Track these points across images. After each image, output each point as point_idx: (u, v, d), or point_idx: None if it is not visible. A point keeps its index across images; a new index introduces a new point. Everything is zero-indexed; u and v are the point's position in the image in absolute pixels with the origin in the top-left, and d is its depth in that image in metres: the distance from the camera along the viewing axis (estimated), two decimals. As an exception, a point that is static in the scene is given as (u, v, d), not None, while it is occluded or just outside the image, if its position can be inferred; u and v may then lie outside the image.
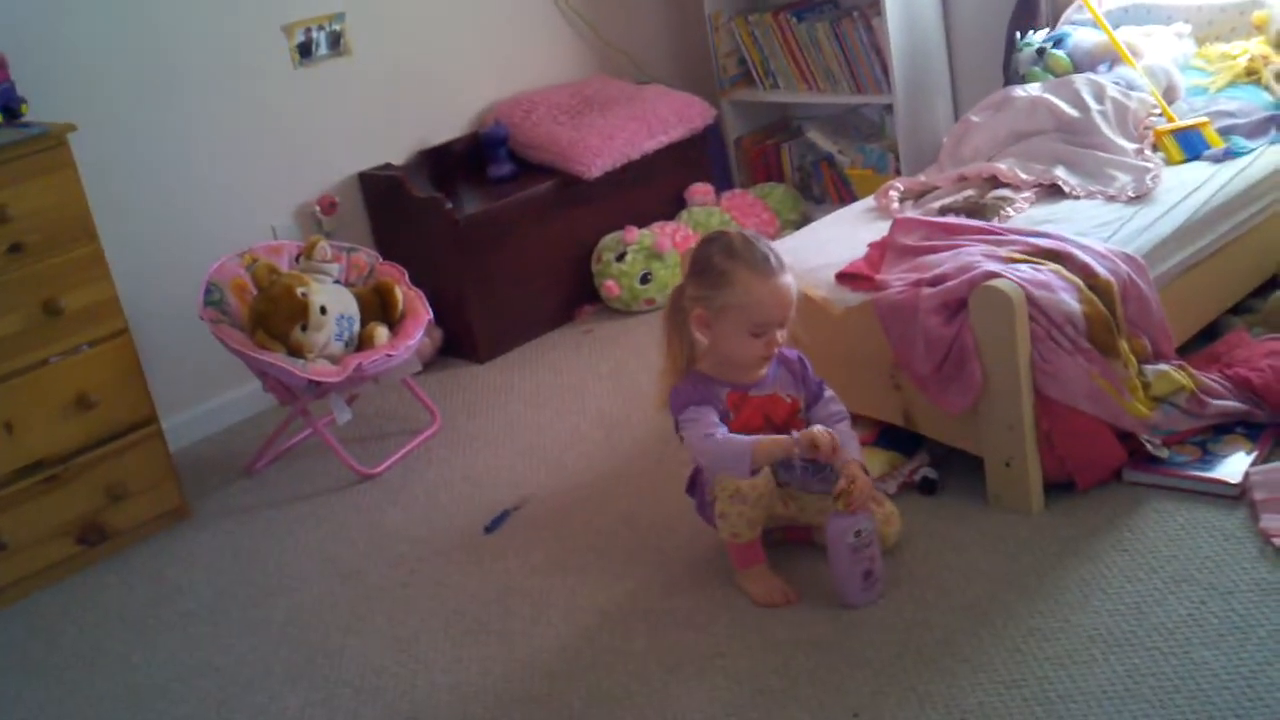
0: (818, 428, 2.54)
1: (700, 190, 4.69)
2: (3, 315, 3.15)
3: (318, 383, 3.40)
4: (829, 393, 2.75)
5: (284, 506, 3.51)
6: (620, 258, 4.38)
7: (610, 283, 4.38)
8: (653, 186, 4.63)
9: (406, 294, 3.70)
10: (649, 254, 4.38)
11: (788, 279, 2.57)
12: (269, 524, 3.44)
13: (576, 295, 4.49)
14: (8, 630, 3.14)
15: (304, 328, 3.40)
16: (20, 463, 3.21)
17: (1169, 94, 3.71)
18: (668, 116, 4.61)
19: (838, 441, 2.53)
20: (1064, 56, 3.90)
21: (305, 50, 4.13)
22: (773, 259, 2.56)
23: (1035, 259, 2.89)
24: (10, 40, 3.37)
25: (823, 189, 4.96)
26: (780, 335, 2.60)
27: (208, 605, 3.10)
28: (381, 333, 3.55)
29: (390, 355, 3.47)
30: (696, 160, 4.77)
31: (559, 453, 3.52)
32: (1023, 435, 2.74)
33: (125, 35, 3.74)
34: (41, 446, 3.24)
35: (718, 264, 2.56)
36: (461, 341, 4.25)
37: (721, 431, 2.58)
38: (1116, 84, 3.67)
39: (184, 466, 3.73)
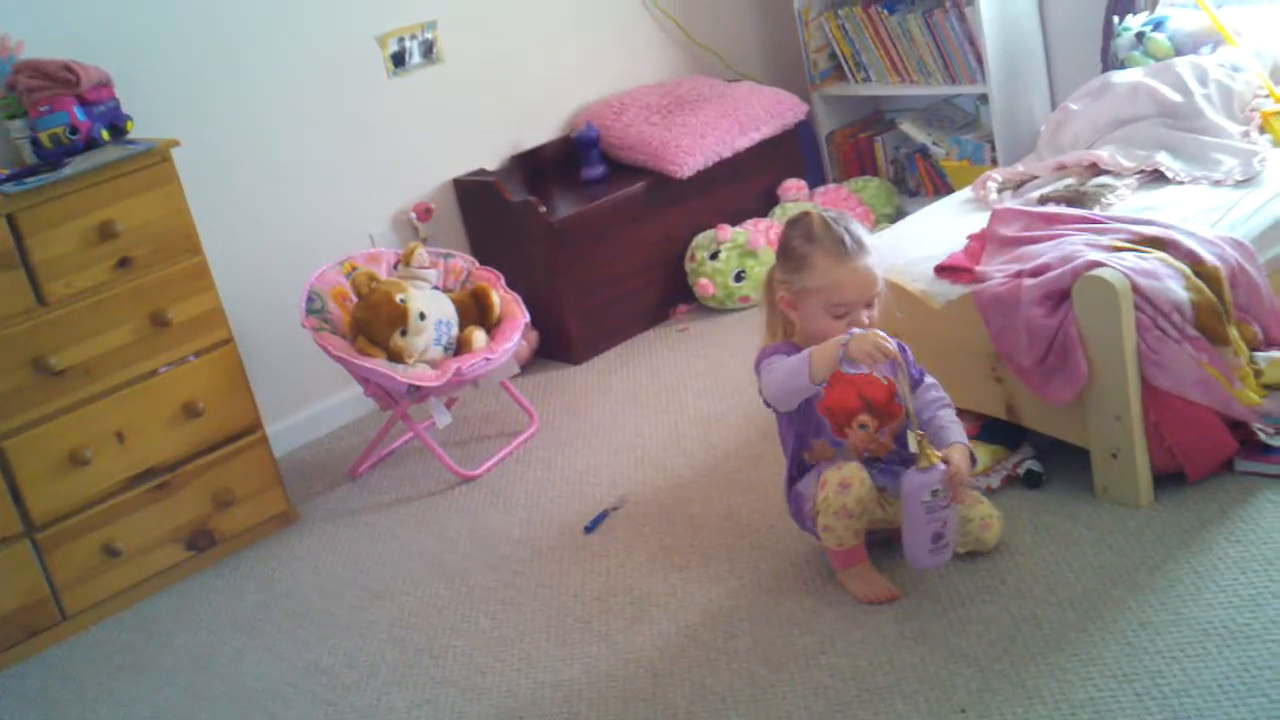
0: (863, 331, 2.47)
1: (793, 186, 4.67)
2: (113, 327, 3.23)
3: (418, 387, 3.44)
4: (929, 379, 2.72)
5: (387, 510, 3.56)
6: (714, 256, 4.37)
7: (705, 281, 4.37)
8: (745, 183, 4.62)
9: (503, 298, 3.73)
10: (743, 251, 4.37)
11: (867, 261, 2.55)
12: (373, 527, 3.48)
13: (671, 294, 4.49)
14: (122, 634, 3.22)
15: (404, 333, 3.44)
16: (132, 471, 3.29)
17: (1275, 75, 3.61)
18: (759, 113, 4.59)
19: (887, 345, 2.41)
20: (1164, 40, 3.81)
21: (399, 60, 4.18)
22: (849, 241, 2.54)
23: (1139, 247, 2.83)
24: (114, 59, 3.45)
25: (918, 181, 4.91)
26: (866, 316, 2.57)
27: (315, 608, 3.15)
28: (479, 337, 3.58)
29: (488, 359, 3.50)
30: (789, 156, 4.75)
31: (658, 452, 3.52)
32: (1130, 426, 2.69)
33: (224, 50, 3.82)
34: (151, 455, 3.32)
35: (796, 247, 2.58)
36: (558, 343, 4.27)
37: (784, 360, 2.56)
38: (1220, 66, 3.59)
39: (289, 472, 3.79)
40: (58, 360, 3.14)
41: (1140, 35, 3.85)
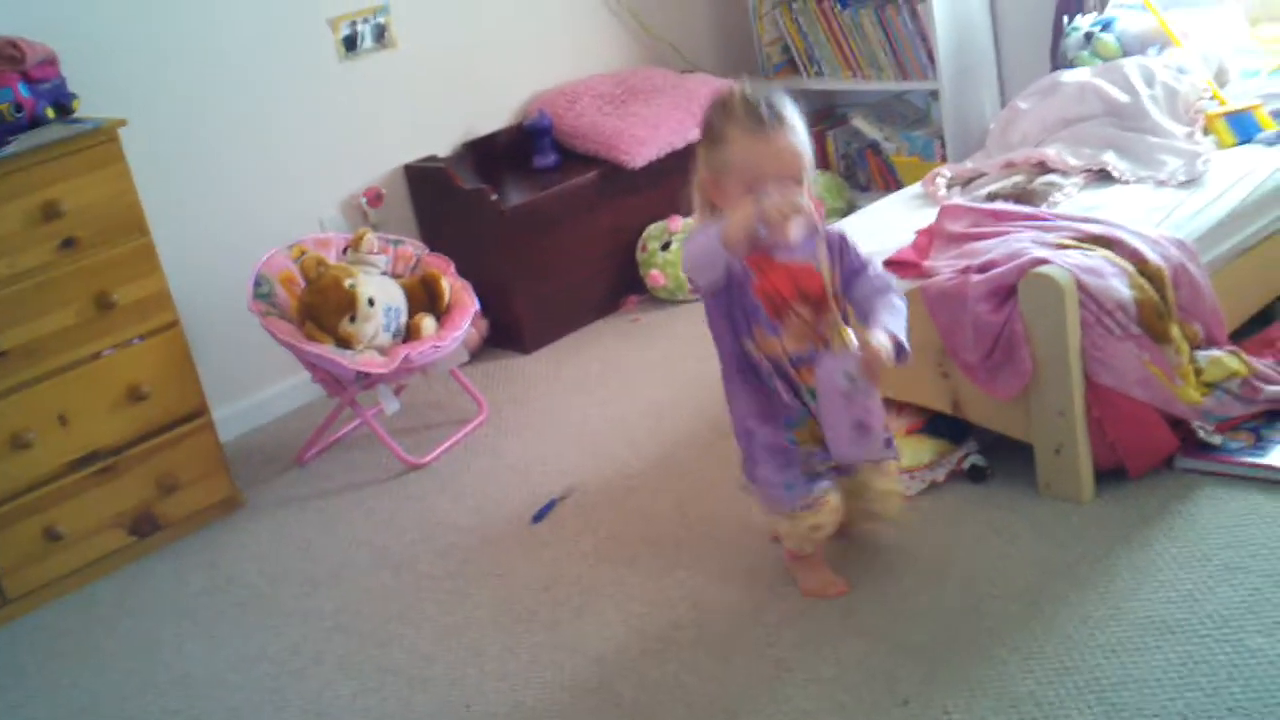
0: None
1: (745, 178, 4.67)
2: (57, 309, 3.19)
3: (366, 374, 3.42)
4: (875, 270, 2.53)
5: (334, 496, 3.55)
6: (665, 247, 4.38)
7: (655, 272, 4.38)
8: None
9: (453, 285, 3.72)
10: (694, 243, 4.37)
11: (788, 135, 2.36)
12: (319, 514, 3.47)
13: (623, 284, 4.50)
14: (65, 619, 3.19)
15: (352, 319, 3.43)
16: (74, 454, 3.25)
17: (1220, 77, 3.67)
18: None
19: (800, 201, 2.27)
20: (1112, 41, 3.86)
21: (351, 43, 4.15)
22: (766, 114, 2.35)
23: (1085, 245, 2.87)
24: (61, 37, 3.39)
25: (868, 176, 4.94)
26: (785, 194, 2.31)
27: (260, 594, 3.13)
28: (429, 324, 3.57)
29: (437, 346, 3.50)
30: (741, 148, 4.76)
31: (607, 441, 3.53)
32: (1073, 422, 2.72)
33: (173, 30, 3.78)
34: (95, 438, 3.29)
35: (714, 123, 2.42)
36: (508, 332, 4.26)
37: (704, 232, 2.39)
38: (1166, 67, 3.63)
39: (235, 457, 3.76)
40: (0, 341, 3.10)
41: (1089, 36, 3.89)
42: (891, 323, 2.42)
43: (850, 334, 2.38)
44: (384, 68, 4.25)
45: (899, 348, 2.39)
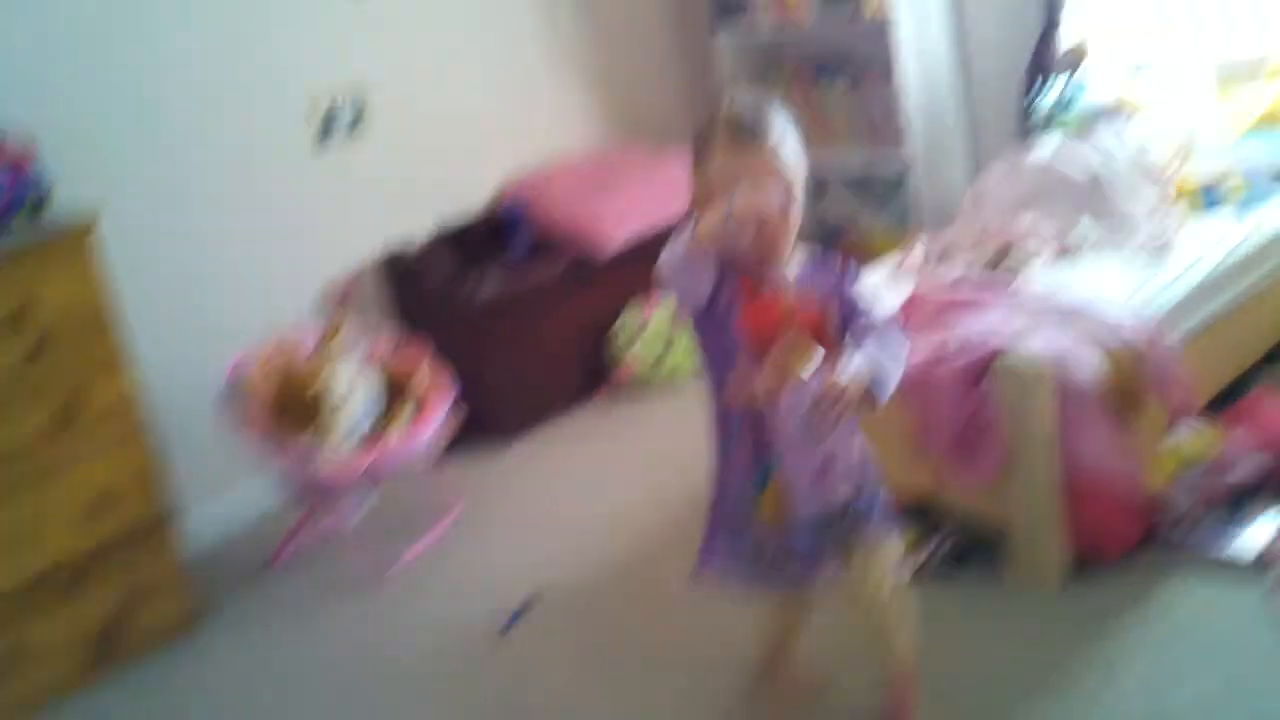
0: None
1: (721, 255, 4.64)
2: (27, 414, 3.11)
3: (334, 478, 3.38)
4: (868, 312, 2.23)
5: (298, 608, 3.45)
6: (633, 342, 4.35)
7: (628, 361, 4.35)
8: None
9: (427, 376, 3.68)
10: (665, 332, 4.35)
11: (769, 148, 2.14)
12: (286, 628, 3.36)
13: (598, 372, 4.44)
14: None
15: (322, 419, 3.39)
16: (37, 567, 3.14)
17: (1187, 144, 3.65)
18: (684, 183, 4.57)
19: (769, 205, 2.06)
20: (1075, 118, 3.85)
21: (325, 131, 4.14)
22: (748, 126, 2.15)
23: (1052, 323, 2.84)
24: (35, 123, 3.38)
25: (844, 249, 4.92)
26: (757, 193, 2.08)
27: (223, 714, 3.06)
28: (400, 419, 3.52)
29: (408, 448, 3.45)
30: (716, 225, 4.73)
31: (580, 539, 3.46)
32: (1047, 506, 2.67)
33: (148, 118, 3.74)
34: (56, 550, 3.18)
35: (700, 137, 2.23)
36: (484, 422, 4.19)
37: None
38: (1135, 135, 3.62)
39: (206, 560, 3.70)
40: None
41: (1051, 115, 3.88)
42: (873, 357, 2.14)
43: (810, 358, 2.09)
44: (357, 156, 4.23)
45: (875, 384, 2.11)
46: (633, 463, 3.88)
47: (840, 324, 2.19)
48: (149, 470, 3.35)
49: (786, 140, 2.16)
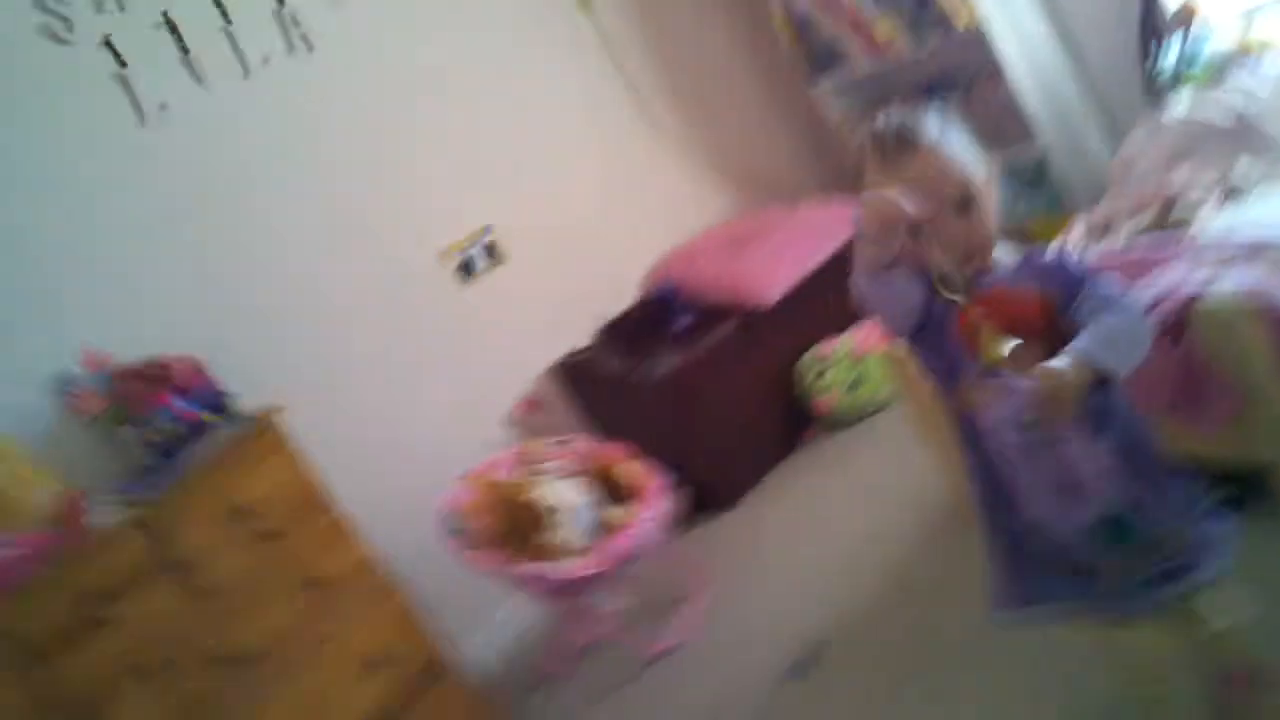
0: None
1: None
2: (276, 602, 3.28)
3: (574, 581, 3.45)
4: (1103, 287, 1.92)
5: (590, 707, 3.54)
6: (821, 374, 4.36)
7: (821, 401, 4.35)
8: (836, 293, 4.58)
9: (634, 468, 3.74)
10: (851, 360, 4.36)
11: (924, 158, 1.91)
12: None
13: (798, 417, 4.46)
14: None
15: (543, 532, 3.47)
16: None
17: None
18: (827, 224, 4.60)
19: (899, 205, 1.82)
20: (1203, 70, 3.78)
21: (467, 268, 4.28)
22: (893, 141, 1.95)
23: (1238, 262, 2.78)
24: (202, 342, 3.61)
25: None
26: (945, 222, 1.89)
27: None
28: (621, 514, 3.59)
29: (635, 534, 3.50)
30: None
31: (839, 580, 3.45)
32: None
33: (306, 306, 3.96)
34: (350, 715, 3.33)
35: (857, 166, 2.03)
36: (704, 495, 4.24)
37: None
38: (1268, 71, 3.55)
39: (488, 689, 3.77)
40: (231, 649, 3.19)
41: (1177, 74, 3.82)
42: (1100, 331, 1.83)
43: (1000, 347, 1.85)
44: (504, 281, 4.38)
45: (1105, 358, 1.80)
46: (865, 494, 3.86)
47: (1065, 308, 1.92)
48: (408, 622, 3.47)
49: (947, 139, 1.97)
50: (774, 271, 4.41)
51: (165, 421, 3.37)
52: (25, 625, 2.97)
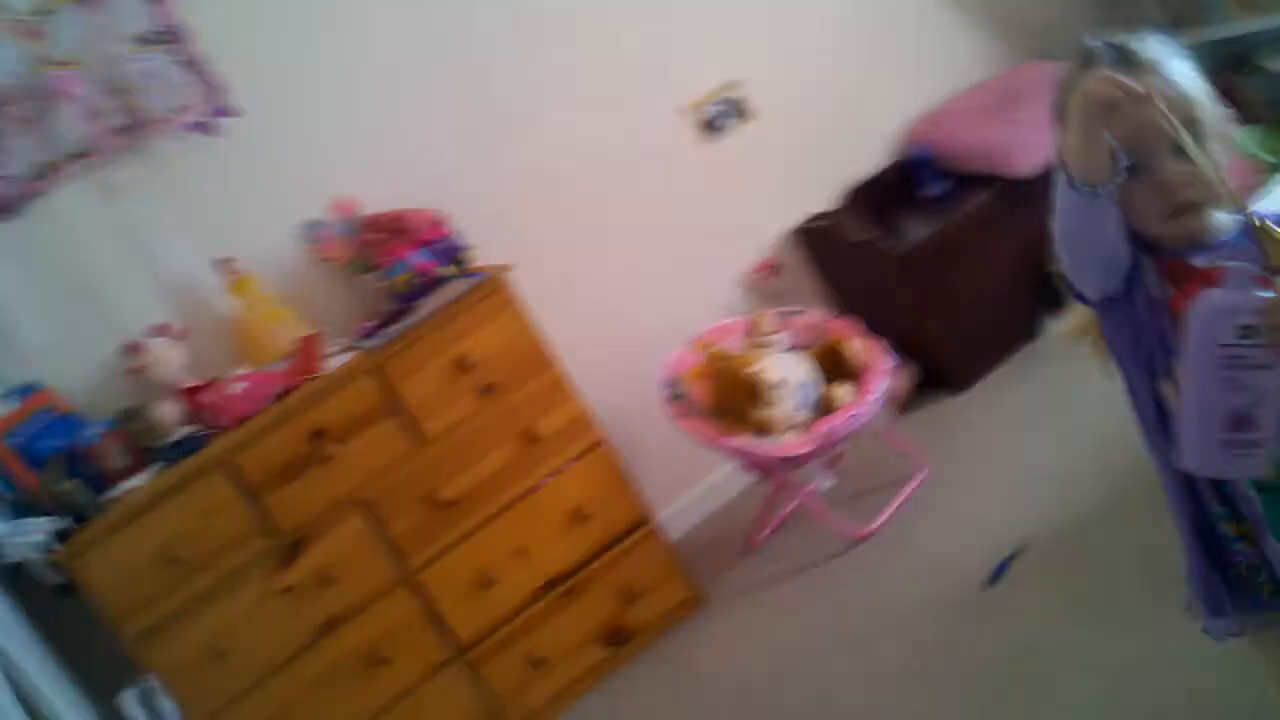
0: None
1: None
2: (491, 452, 3.36)
3: (789, 458, 3.37)
4: None
5: (786, 582, 3.52)
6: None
7: (1076, 279, 4.07)
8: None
9: (860, 348, 3.60)
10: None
11: (1140, 80, 1.54)
12: (776, 602, 3.44)
13: (1044, 302, 4.18)
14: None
15: (763, 406, 3.39)
16: (537, 582, 3.41)
17: None
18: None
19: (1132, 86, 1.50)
20: None
21: (711, 125, 4.14)
22: (1117, 51, 1.63)
23: None
24: (441, 194, 3.63)
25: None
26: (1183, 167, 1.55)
27: (732, 694, 3.15)
28: (842, 393, 3.47)
29: (855, 415, 3.39)
30: (1142, 123, 4.36)
31: (1057, 483, 3.28)
32: None
33: (542, 162, 3.90)
34: (551, 564, 3.43)
35: (1065, 78, 1.70)
36: (935, 375, 4.08)
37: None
38: None
39: (689, 554, 3.78)
40: (447, 492, 3.30)
41: None
42: None
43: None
44: (750, 140, 4.20)
45: None
46: (1102, 391, 3.59)
47: None
48: (616, 478, 3.51)
49: (1171, 64, 1.64)
50: (1036, 138, 4.10)
51: (403, 272, 3.43)
52: (256, 456, 3.14)
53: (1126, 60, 1.63)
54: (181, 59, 3.47)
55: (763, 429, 3.40)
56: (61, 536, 3.00)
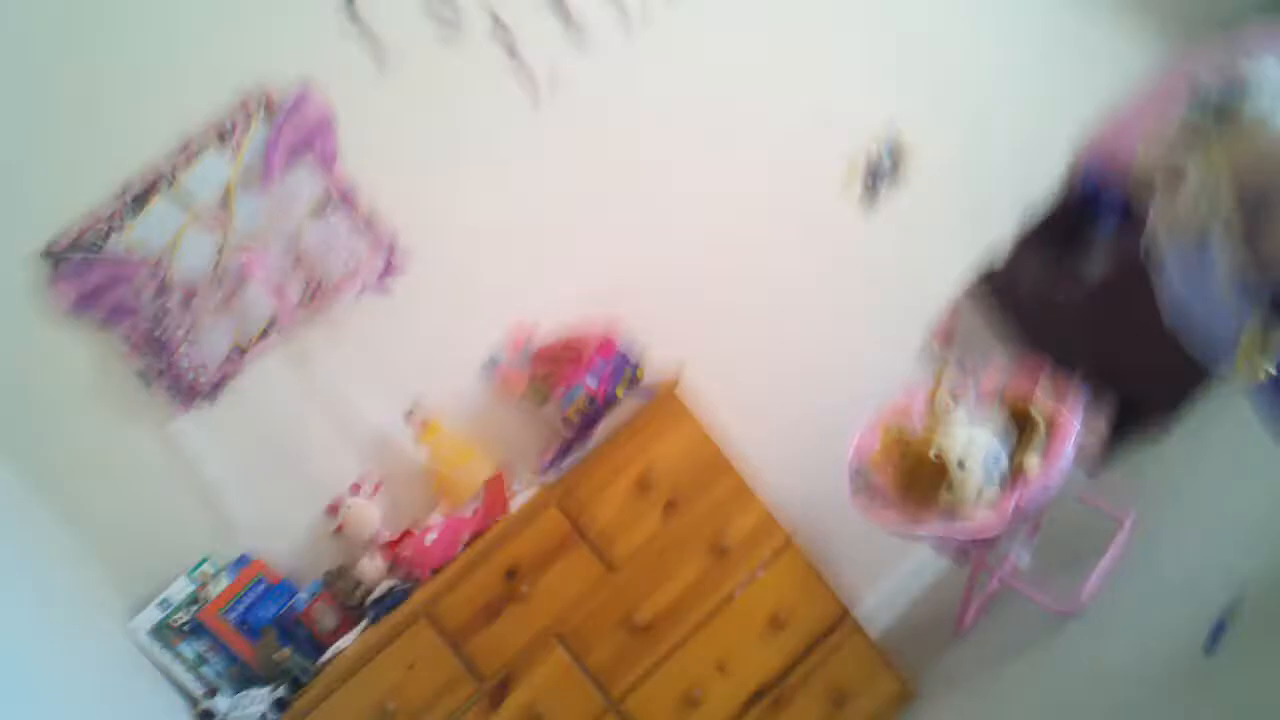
0: None
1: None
2: (681, 568, 3.36)
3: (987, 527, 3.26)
4: None
5: (998, 665, 3.38)
6: None
7: (1278, 294, 3.82)
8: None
9: (1049, 402, 3.45)
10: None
11: (1235, 130, 1.60)
12: (990, 689, 3.31)
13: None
14: None
15: (949, 487, 3.29)
16: (742, 696, 3.37)
17: None
18: None
19: None
20: None
21: (871, 186, 4.05)
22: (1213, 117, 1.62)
23: None
24: (613, 299, 3.69)
25: None
26: None
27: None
28: (1032, 462, 3.32)
29: (1046, 486, 3.25)
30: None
31: (1271, 531, 3.04)
32: None
33: (697, 255, 3.91)
34: (755, 675, 3.39)
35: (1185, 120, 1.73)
36: (1133, 415, 3.84)
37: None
38: None
39: (893, 645, 3.69)
40: (642, 614, 3.32)
41: None
42: None
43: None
44: (906, 203, 4.11)
45: None
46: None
47: None
48: (810, 576, 3.46)
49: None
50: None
51: (577, 399, 3.48)
52: (454, 602, 3.23)
53: (1230, 110, 1.61)
54: (355, 219, 3.63)
55: (952, 510, 3.30)
56: (281, 705, 3.15)
